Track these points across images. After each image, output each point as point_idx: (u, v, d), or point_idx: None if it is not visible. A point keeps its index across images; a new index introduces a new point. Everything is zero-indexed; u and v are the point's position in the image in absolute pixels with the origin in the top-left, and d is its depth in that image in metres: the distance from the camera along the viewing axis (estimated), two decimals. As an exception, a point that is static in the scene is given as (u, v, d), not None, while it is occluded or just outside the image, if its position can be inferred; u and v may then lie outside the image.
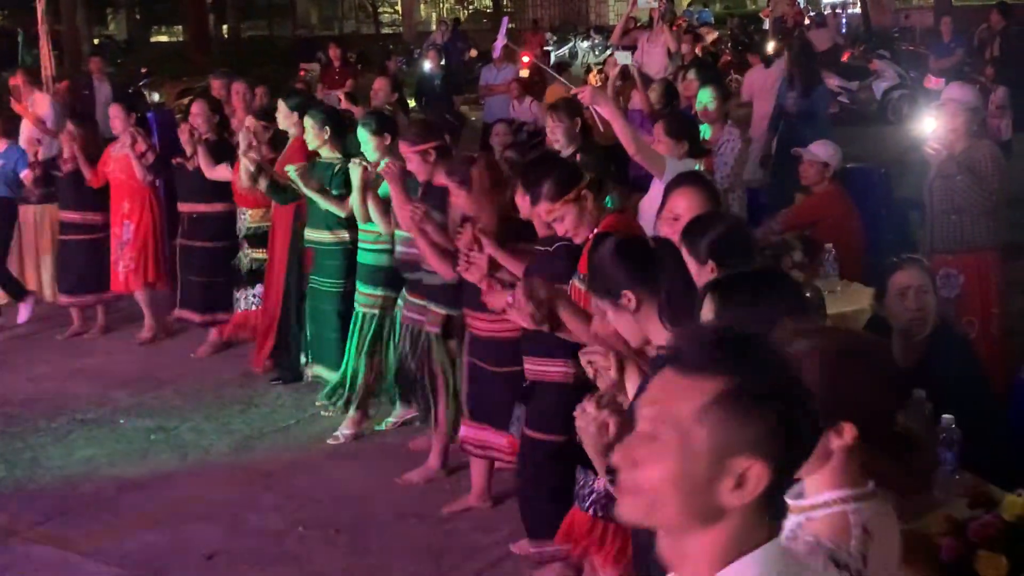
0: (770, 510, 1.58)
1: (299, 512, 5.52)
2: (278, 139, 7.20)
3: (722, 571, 1.55)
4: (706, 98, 6.97)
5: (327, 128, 6.47)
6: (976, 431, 3.49)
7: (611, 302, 3.14)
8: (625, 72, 9.51)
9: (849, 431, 1.92)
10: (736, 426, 1.54)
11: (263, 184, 6.76)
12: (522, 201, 4.50)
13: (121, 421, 6.81)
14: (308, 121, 6.50)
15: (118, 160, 8.17)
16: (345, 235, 6.40)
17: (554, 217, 4.24)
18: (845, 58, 17.48)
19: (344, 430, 6.35)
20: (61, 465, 6.20)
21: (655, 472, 1.55)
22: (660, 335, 3.03)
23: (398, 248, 5.76)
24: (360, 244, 6.18)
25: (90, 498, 5.78)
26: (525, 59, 12.52)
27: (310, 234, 6.56)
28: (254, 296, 7.54)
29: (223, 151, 7.50)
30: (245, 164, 6.79)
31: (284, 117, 7.04)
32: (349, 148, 6.47)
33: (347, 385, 6.24)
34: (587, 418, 2.77)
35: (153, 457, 6.30)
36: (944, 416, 3.46)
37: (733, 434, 1.53)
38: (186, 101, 16.67)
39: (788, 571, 1.58)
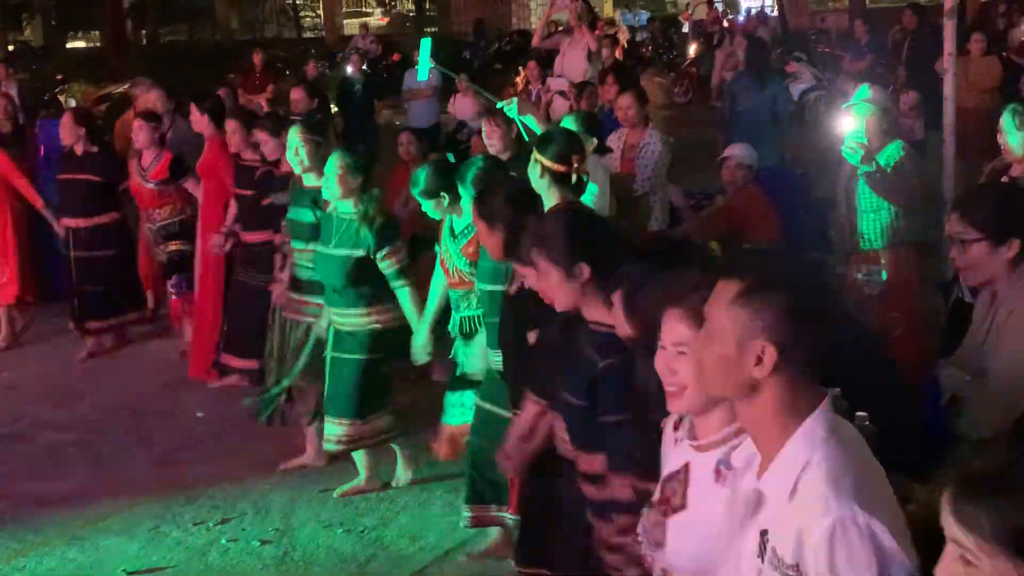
0: (804, 381, 2.04)
1: (222, 525, 5.46)
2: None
3: (798, 431, 2.02)
4: (626, 103, 7.02)
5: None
6: (890, 427, 3.56)
7: (562, 270, 3.24)
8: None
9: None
10: (750, 315, 2.03)
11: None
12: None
13: (38, 436, 6.67)
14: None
15: None
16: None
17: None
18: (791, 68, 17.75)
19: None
20: (-24, 482, 6.07)
21: (707, 356, 2.09)
22: (595, 310, 3.19)
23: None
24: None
25: (7, 515, 5.66)
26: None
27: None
28: (173, 286, 7.72)
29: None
30: None
31: (196, 121, 7.27)
32: None
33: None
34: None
35: (72, 472, 6.18)
36: (858, 414, 3.52)
37: (748, 322, 2.03)
38: (104, 107, 16.47)
39: (838, 422, 2.08)
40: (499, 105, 5.78)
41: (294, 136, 5.82)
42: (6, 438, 6.68)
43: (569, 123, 6.03)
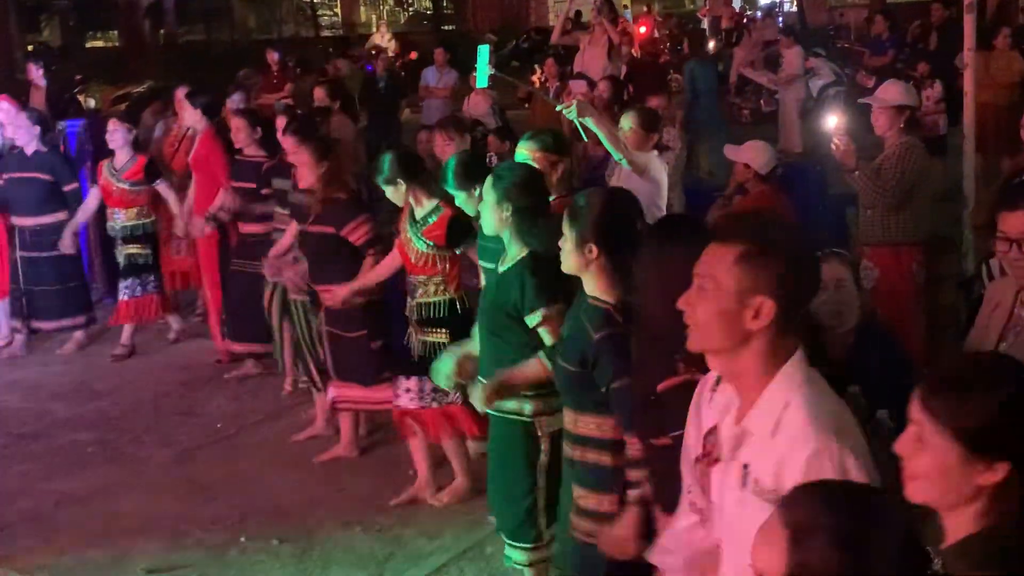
0: (786, 333, 2.27)
1: (241, 523, 5.47)
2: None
3: (777, 375, 2.27)
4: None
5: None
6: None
7: (576, 241, 3.45)
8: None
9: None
10: (751, 274, 2.24)
11: None
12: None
13: (58, 434, 6.70)
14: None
15: None
16: None
17: None
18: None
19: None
20: (-3, 481, 6.10)
21: (703, 310, 2.30)
22: (594, 286, 3.45)
23: None
24: None
25: (27, 514, 5.68)
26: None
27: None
28: (126, 288, 7.90)
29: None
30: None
31: (189, 115, 7.68)
32: None
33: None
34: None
35: (91, 471, 6.20)
36: (879, 411, 3.50)
37: (749, 279, 2.24)
38: (123, 107, 16.51)
39: (809, 373, 2.31)
40: (558, 108, 5.79)
41: (290, 144, 6.07)
42: (27, 437, 6.70)
43: (627, 121, 6.09)
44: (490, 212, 4.11)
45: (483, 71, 6.76)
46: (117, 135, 7.76)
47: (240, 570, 5.06)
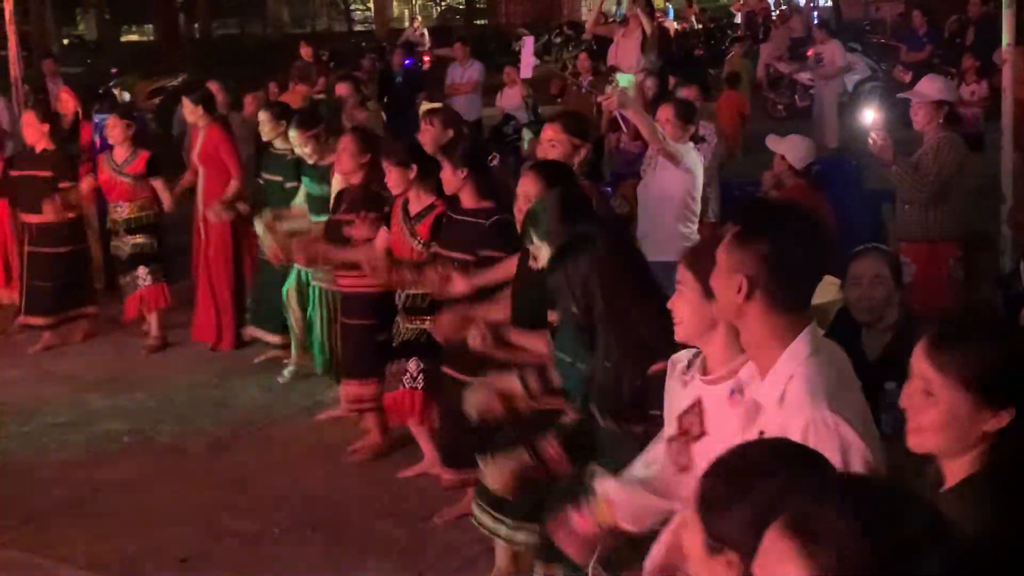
0: (785, 311, 2.45)
1: (274, 514, 5.49)
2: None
3: (787, 349, 2.44)
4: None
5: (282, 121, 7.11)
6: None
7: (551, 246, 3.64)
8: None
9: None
10: (736, 254, 2.46)
11: None
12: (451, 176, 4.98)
13: (93, 424, 6.76)
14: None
15: None
16: None
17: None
18: (810, 53, 17.54)
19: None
20: (34, 469, 6.14)
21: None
22: None
23: None
24: None
25: (63, 502, 5.72)
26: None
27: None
28: (139, 278, 8.00)
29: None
30: None
31: (189, 112, 7.93)
32: None
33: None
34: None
35: (126, 460, 6.25)
36: (888, 384, 3.46)
37: (734, 259, 2.46)
38: (157, 101, 16.63)
39: (823, 344, 2.50)
40: (599, 99, 5.86)
41: (294, 138, 6.55)
42: (63, 426, 6.76)
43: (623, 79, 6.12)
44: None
45: (528, 62, 6.77)
46: (116, 131, 7.92)
47: (274, 559, 5.08)
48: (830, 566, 1.49)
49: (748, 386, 2.58)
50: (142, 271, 7.98)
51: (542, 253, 3.78)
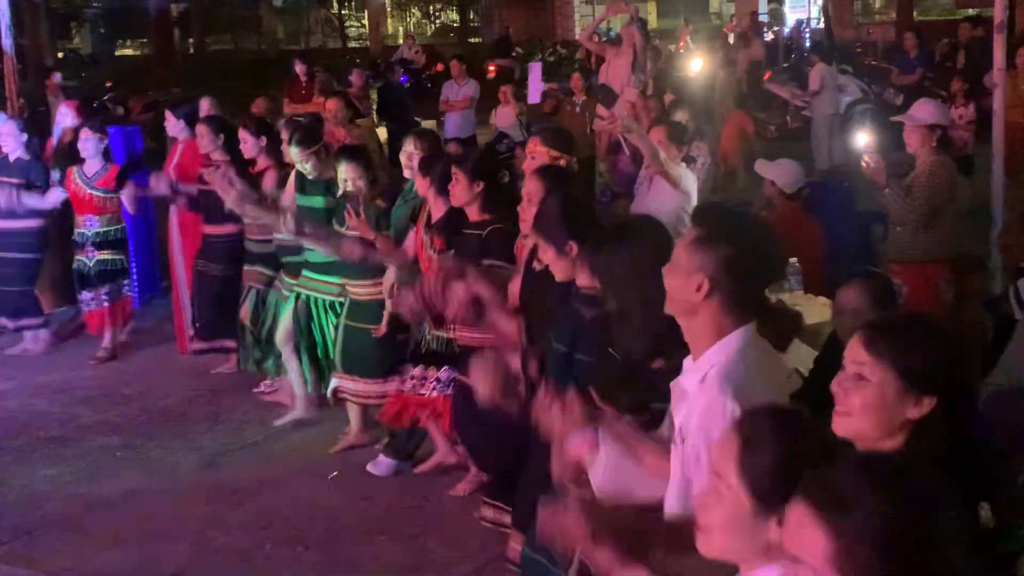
0: (735, 310, 2.62)
1: (267, 529, 5.50)
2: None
3: (718, 342, 2.61)
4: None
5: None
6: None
7: (555, 248, 3.82)
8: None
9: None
10: (698, 256, 2.62)
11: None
12: (455, 189, 5.13)
13: (85, 438, 6.76)
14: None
15: None
16: None
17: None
18: (766, 77, 17.67)
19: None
20: (25, 484, 6.14)
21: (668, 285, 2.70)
22: (585, 278, 3.68)
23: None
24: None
25: (55, 517, 5.73)
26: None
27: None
28: (105, 295, 8.09)
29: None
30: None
31: (171, 126, 8.11)
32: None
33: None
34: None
35: (119, 475, 6.25)
36: None
37: (696, 260, 2.62)
38: (151, 115, 16.63)
39: (756, 343, 2.66)
40: (600, 123, 5.97)
41: (295, 155, 6.51)
42: (55, 440, 6.76)
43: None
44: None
45: (536, 87, 6.86)
46: (89, 144, 7.98)
47: (265, 575, 5.08)
48: (848, 531, 1.67)
49: (683, 376, 2.73)
50: (108, 287, 8.05)
51: (546, 255, 3.90)
